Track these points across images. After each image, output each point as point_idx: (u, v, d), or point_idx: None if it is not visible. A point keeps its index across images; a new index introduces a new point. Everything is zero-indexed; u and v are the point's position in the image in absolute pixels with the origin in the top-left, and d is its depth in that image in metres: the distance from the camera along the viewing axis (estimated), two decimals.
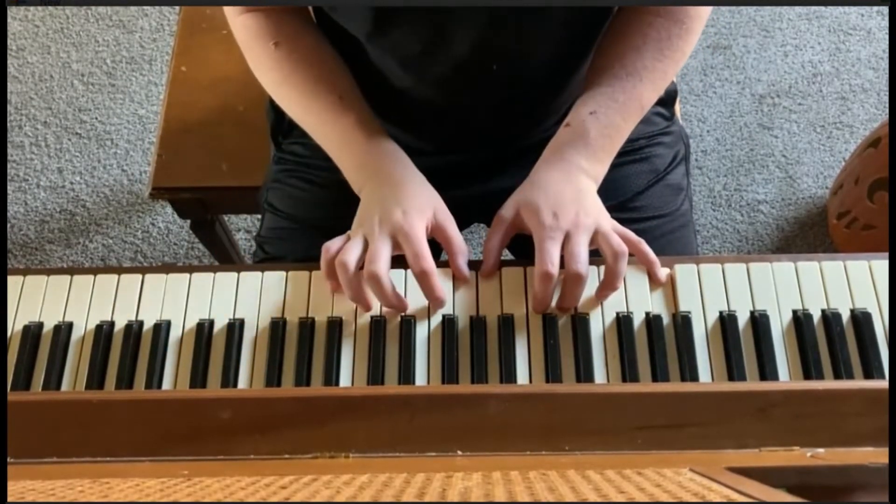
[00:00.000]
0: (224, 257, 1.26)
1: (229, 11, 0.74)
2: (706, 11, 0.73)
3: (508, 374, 0.64)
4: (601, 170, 0.70)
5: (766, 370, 0.63)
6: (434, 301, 0.66)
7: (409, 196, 0.67)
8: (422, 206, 0.67)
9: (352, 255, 0.64)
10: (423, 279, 0.65)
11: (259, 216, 0.92)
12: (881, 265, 0.67)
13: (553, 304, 0.66)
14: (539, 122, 0.83)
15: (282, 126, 0.89)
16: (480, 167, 0.85)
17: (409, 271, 0.68)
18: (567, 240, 0.65)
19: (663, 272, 0.67)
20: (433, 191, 0.71)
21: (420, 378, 0.64)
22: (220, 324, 0.67)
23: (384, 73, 0.75)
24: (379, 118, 0.79)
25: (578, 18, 0.70)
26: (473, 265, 0.70)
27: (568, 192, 0.67)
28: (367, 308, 0.66)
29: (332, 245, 0.67)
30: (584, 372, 0.63)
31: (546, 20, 0.68)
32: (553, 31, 0.70)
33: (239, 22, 0.73)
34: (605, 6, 0.71)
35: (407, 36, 0.69)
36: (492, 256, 0.69)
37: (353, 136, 0.71)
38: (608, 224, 0.67)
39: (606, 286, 0.65)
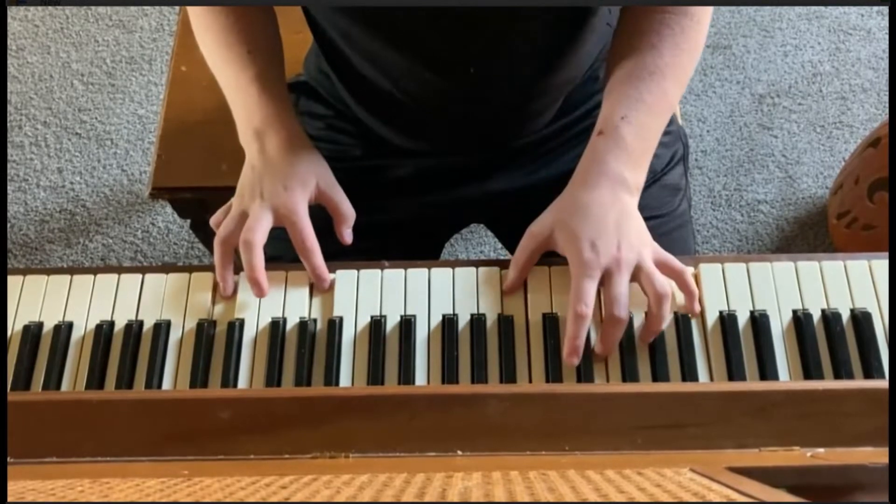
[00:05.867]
0: None
1: None
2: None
3: (508, 374, 0.64)
4: (641, 177, 0.68)
5: (766, 370, 0.63)
6: (318, 280, 0.67)
7: (291, 169, 0.68)
8: (304, 178, 0.68)
9: (227, 228, 0.67)
10: (307, 256, 0.66)
11: None
12: (881, 265, 0.67)
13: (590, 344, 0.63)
14: (530, 122, 0.82)
15: None
16: (477, 168, 0.84)
17: (408, 271, 0.69)
18: (607, 278, 0.62)
19: (698, 306, 0.65)
20: (316, 158, 0.72)
21: (420, 378, 0.64)
22: (220, 324, 0.67)
23: (371, 77, 0.75)
24: (376, 121, 0.79)
25: (559, 18, 0.69)
26: (473, 265, 0.69)
27: (610, 216, 0.64)
28: (227, 291, 0.68)
29: (217, 219, 0.69)
30: (584, 372, 0.63)
31: (519, 20, 0.67)
32: (531, 31, 0.69)
33: None
34: (585, 6, 0.70)
35: (375, 37, 0.69)
36: (519, 272, 0.66)
37: (248, 90, 0.71)
38: (650, 257, 0.64)
39: (649, 332, 0.63)
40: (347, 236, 0.71)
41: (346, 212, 0.71)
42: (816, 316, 0.65)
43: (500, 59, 0.71)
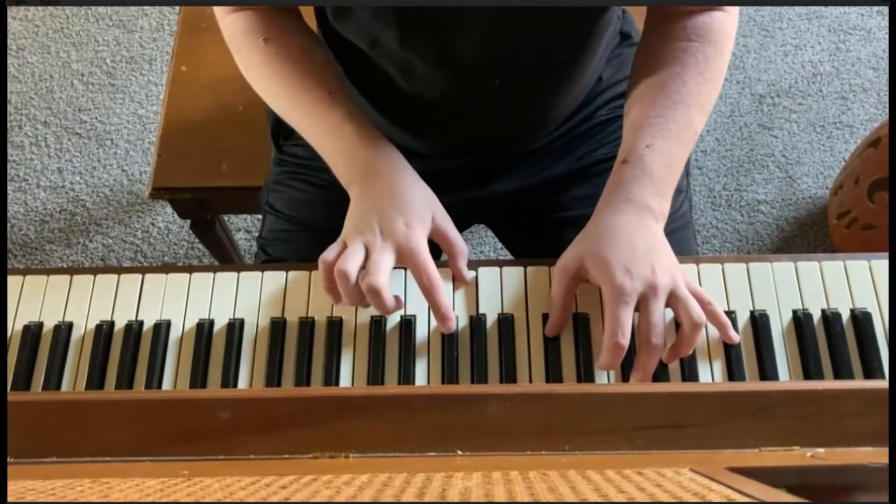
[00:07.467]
0: (224, 257, 1.26)
1: (218, 10, 0.73)
2: (733, 29, 0.71)
3: (508, 374, 0.64)
4: (667, 205, 0.67)
5: (766, 370, 0.63)
6: (442, 319, 0.64)
7: (409, 203, 0.66)
8: (422, 214, 0.66)
9: (353, 263, 0.62)
10: (430, 294, 0.63)
11: (260, 216, 0.92)
12: (881, 265, 0.67)
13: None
14: (540, 128, 0.82)
15: (282, 128, 0.89)
16: (481, 170, 0.84)
17: (408, 271, 0.69)
18: (643, 304, 0.60)
19: (735, 335, 0.64)
20: (429, 192, 0.69)
21: (420, 378, 0.64)
22: (220, 324, 0.67)
23: (386, 80, 0.75)
24: (381, 122, 0.79)
25: (574, 23, 0.69)
26: (473, 265, 0.70)
27: (639, 242, 0.62)
28: (367, 306, 0.66)
29: (329, 254, 0.65)
30: (584, 372, 0.63)
31: (542, 24, 0.67)
32: (549, 37, 0.69)
33: (228, 21, 0.73)
34: (599, 7, 0.70)
35: (404, 47, 0.68)
36: (560, 311, 0.64)
37: (342, 131, 0.69)
38: (683, 282, 0.62)
39: (675, 356, 0.62)
40: (467, 274, 0.68)
41: (461, 248, 0.68)
42: (816, 316, 0.65)
43: (521, 67, 0.71)
